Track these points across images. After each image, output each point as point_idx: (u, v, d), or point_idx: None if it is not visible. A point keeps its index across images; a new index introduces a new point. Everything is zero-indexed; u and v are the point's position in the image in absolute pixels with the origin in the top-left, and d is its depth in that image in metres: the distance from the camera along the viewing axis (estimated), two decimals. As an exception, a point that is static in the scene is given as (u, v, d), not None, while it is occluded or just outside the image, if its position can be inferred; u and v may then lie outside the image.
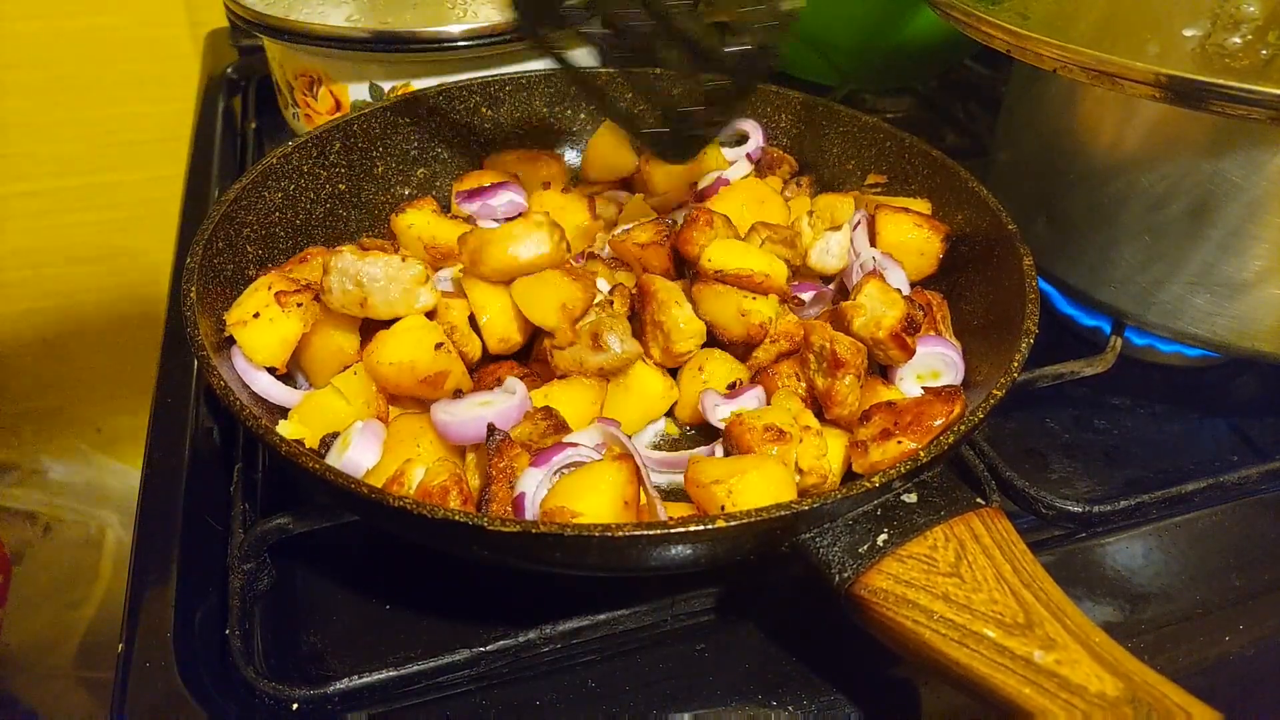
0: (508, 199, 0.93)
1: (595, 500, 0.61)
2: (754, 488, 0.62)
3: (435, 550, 0.67)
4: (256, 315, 0.71)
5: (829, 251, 0.85)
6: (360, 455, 0.66)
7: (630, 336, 0.75)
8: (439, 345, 0.71)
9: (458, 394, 0.72)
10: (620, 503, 0.61)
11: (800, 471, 0.67)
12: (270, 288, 0.73)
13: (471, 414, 0.68)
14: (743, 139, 1.03)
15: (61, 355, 1.97)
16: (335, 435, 0.68)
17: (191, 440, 0.78)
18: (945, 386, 0.71)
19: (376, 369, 0.71)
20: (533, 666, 0.65)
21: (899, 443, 0.65)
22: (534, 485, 0.64)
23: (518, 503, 0.63)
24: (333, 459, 0.66)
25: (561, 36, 0.73)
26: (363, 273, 0.72)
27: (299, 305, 0.73)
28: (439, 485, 0.62)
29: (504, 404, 0.69)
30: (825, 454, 0.68)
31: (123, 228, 1.85)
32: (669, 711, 0.63)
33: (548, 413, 0.70)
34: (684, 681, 0.64)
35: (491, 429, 0.66)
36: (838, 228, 0.86)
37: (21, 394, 1.97)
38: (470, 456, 0.69)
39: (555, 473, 0.65)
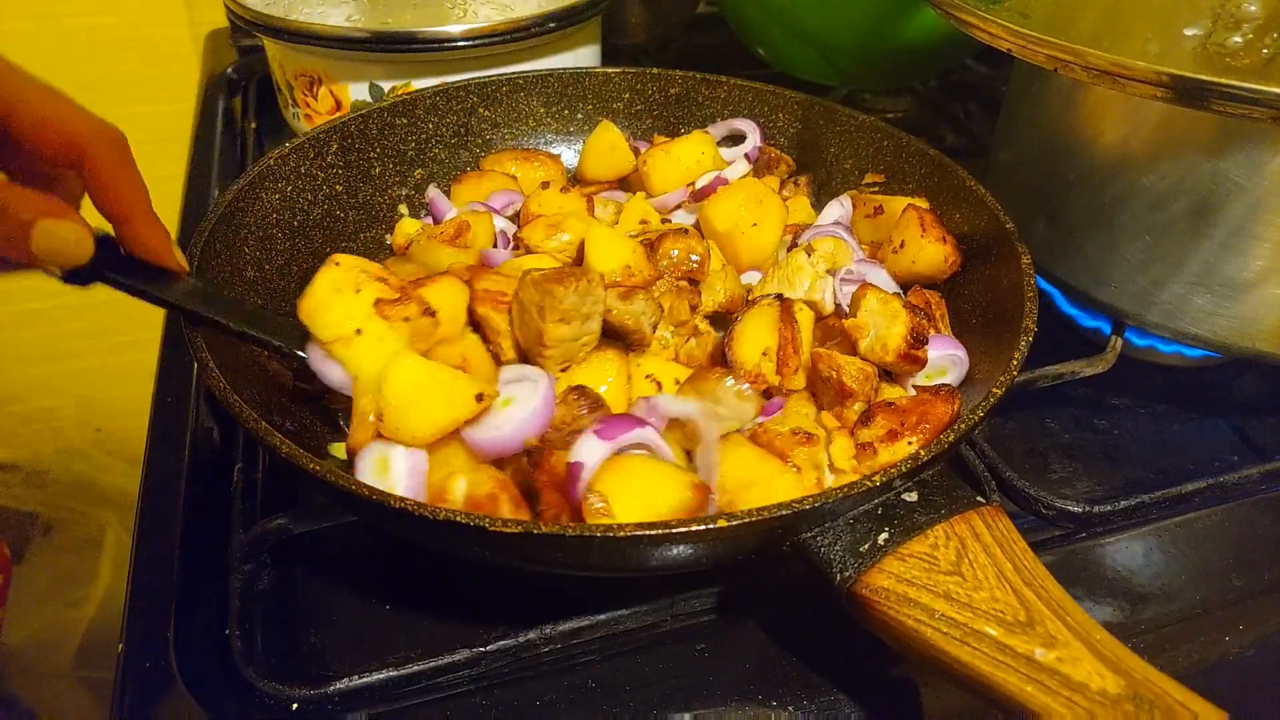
0: (504, 199, 0.93)
1: (644, 510, 0.59)
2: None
3: (436, 551, 0.67)
4: (359, 332, 0.65)
5: (823, 294, 0.81)
6: (405, 485, 0.62)
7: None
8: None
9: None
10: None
11: (836, 470, 0.67)
12: (358, 289, 0.65)
13: (500, 423, 0.63)
14: (740, 138, 1.03)
15: (61, 355, 1.97)
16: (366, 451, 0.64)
17: (191, 440, 0.78)
18: (941, 385, 0.71)
19: None
20: (533, 666, 0.65)
21: (909, 443, 0.65)
22: (594, 459, 0.61)
23: (572, 472, 0.60)
24: (371, 480, 0.62)
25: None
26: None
27: (405, 320, 0.65)
28: (486, 494, 0.60)
29: (529, 399, 0.64)
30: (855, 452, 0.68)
31: (122, 228, 1.85)
32: (669, 711, 0.63)
33: (581, 392, 0.66)
34: (684, 681, 0.64)
35: (528, 452, 0.63)
36: (836, 272, 0.83)
37: (21, 394, 1.97)
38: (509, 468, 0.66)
39: (619, 450, 0.62)
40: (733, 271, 0.84)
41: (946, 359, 0.76)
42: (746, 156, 1.00)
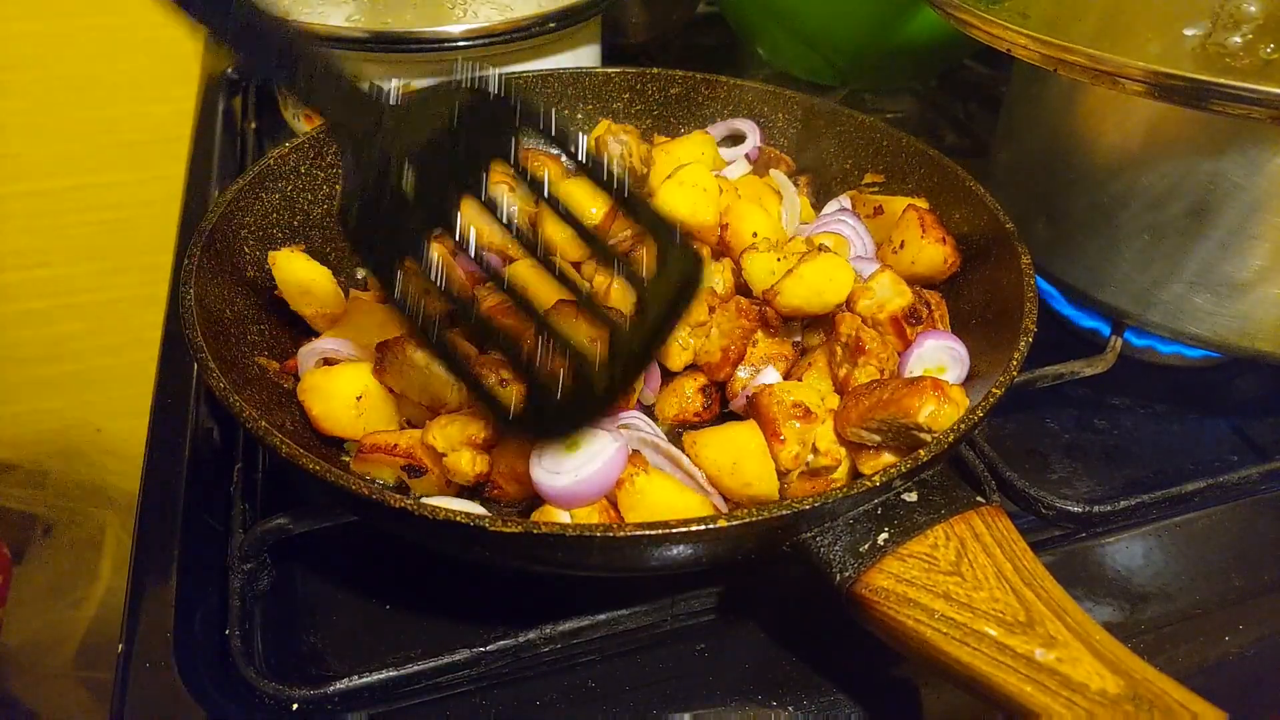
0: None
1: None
2: (720, 445, 0.66)
3: (436, 551, 0.67)
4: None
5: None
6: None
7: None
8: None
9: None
10: None
11: (816, 451, 0.68)
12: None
13: (576, 473, 0.63)
14: (740, 138, 1.03)
15: (61, 355, 1.97)
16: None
17: (191, 440, 0.78)
18: (919, 378, 0.71)
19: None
20: (533, 666, 0.65)
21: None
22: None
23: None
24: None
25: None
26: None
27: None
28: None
29: (603, 448, 0.64)
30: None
31: (123, 228, 1.85)
32: (669, 711, 0.63)
33: None
34: (684, 681, 0.64)
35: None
36: None
37: (21, 394, 1.97)
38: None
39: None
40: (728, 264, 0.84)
41: (945, 351, 0.76)
42: (747, 157, 1.00)
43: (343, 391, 0.71)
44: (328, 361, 0.74)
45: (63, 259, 1.90)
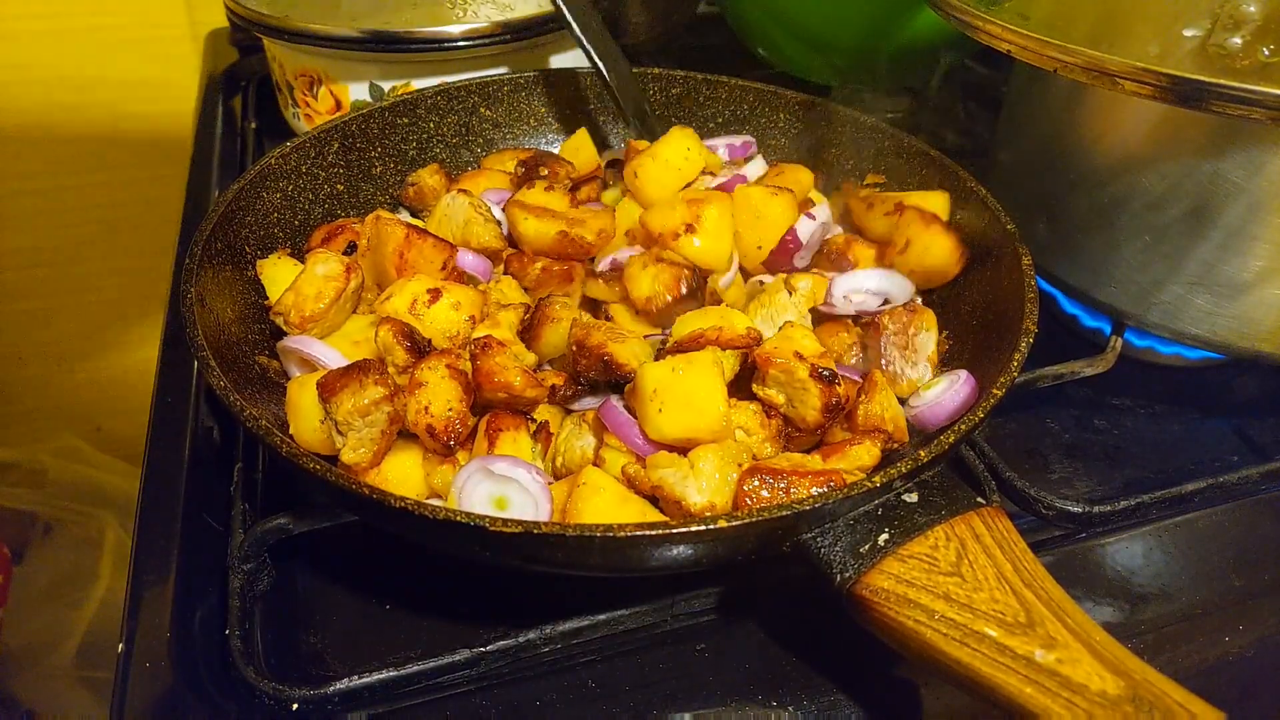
0: (497, 197, 0.93)
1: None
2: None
3: (436, 551, 0.67)
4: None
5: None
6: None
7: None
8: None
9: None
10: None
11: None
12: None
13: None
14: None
15: (61, 355, 1.97)
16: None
17: (191, 440, 0.78)
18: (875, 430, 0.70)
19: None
20: (533, 666, 0.65)
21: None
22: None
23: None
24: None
25: None
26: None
27: None
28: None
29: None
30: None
31: (123, 228, 1.85)
32: (669, 711, 0.63)
33: None
34: (684, 681, 0.64)
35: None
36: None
37: (21, 394, 1.97)
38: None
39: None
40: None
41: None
42: (762, 157, 1.00)
43: (310, 406, 0.65)
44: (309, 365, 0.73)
45: (63, 259, 1.90)
